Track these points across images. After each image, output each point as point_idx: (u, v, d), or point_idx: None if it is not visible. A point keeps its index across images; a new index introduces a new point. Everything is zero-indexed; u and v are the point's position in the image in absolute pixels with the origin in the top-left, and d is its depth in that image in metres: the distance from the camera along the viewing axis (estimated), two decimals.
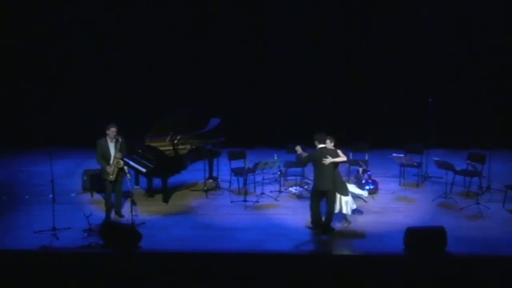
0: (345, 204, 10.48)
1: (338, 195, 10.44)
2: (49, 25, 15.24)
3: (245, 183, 12.24)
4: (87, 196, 12.26)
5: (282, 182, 12.63)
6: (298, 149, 10.61)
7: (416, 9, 15.15)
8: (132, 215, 10.33)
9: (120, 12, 15.25)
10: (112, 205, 11.09)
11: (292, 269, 8.76)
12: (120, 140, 10.84)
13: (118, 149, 10.84)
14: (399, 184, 12.85)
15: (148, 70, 15.45)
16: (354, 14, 15.21)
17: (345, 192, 10.49)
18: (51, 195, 10.89)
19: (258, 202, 11.96)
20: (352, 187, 10.89)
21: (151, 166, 11.83)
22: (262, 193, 12.27)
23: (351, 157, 13.13)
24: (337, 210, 10.47)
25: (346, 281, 8.56)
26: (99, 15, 15.26)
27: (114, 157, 10.81)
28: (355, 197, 10.89)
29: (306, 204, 10.97)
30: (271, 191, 12.44)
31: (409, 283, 8.58)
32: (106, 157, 10.86)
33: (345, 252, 9.89)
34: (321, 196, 10.44)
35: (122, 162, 10.84)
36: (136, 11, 15.28)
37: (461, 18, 15.15)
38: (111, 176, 10.84)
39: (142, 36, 15.34)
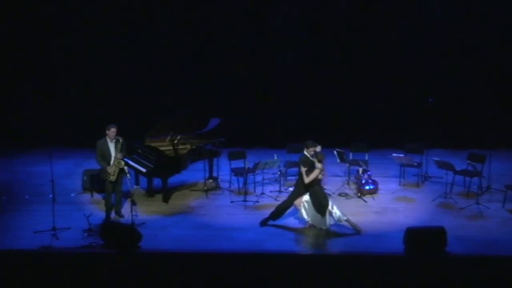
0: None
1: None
2: (50, 25, 15.22)
3: (245, 183, 12.24)
4: (87, 196, 12.26)
5: (282, 182, 12.64)
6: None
7: (417, 8, 15.15)
8: (132, 215, 10.33)
9: (120, 12, 15.23)
10: (112, 205, 11.10)
11: (292, 269, 8.76)
12: (120, 140, 10.84)
13: (119, 149, 10.85)
14: (399, 184, 12.86)
15: (148, 70, 15.44)
16: (354, 14, 15.19)
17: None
18: (51, 195, 10.90)
19: (258, 202, 11.96)
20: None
21: (151, 166, 11.84)
22: (262, 193, 12.28)
23: (351, 157, 13.14)
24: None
25: (346, 281, 8.57)
26: (100, 16, 15.24)
27: (115, 157, 10.82)
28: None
29: None
30: (271, 191, 12.44)
31: (409, 283, 8.58)
32: (106, 157, 10.86)
33: (345, 252, 9.88)
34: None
35: (123, 163, 10.85)
36: (136, 11, 15.27)
37: (461, 17, 15.14)
38: (111, 177, 10.85)
39: (142, 35, 15.32)
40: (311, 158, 10.55)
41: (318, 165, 10.42)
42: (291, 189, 12.21)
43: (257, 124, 15.59)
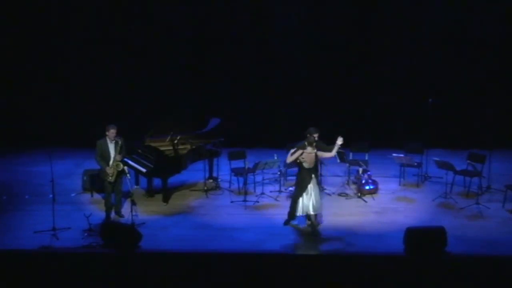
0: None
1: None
2: (50, 25, 15.22)
3: (245, 183, 12.24)
4: (87, 196, 12.26)
5: (282, 182, 12.63)
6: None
7: (416, 9, 15.14)
8: (132, 215, 10.33)
9: (120, 12, 15.23)
10: (112, 205, 11.10)
11: (292, 269, 8.76)
12: (120, 142, 10.84)
13: (118, 151, 10.85)
14: (399, 184, 12.86)
15: (148, 69, 15.44)
16: (354, 14, 15.19)
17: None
18: (51, 195, 10.89)
19: (258, 202, 11.96)
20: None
21: (151, 166, 11.84)
22: (262, 193, 12.28)
23: (351, 157, 13.14)
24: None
25: (346, 281, 8.56)
26: (99, 15, 15.24)
27: (114, 159, 10.82)
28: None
29: None
30: (271, 191, 12.44)
31: (409, 283, 8.58)
32: (105, 157, 10.87)
33: (345, 252, 9.88)
34: None
35: (121, 166, 10.85)
36: (136, 11, 15.27)
37: (461, 17, 15.14)
38: (110, 178, 10.86)
39: (142, 35, 15.32)
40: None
41: (308, 148, 10.41)
42: (291, 189, 12.25)
43: (257, 124, 15.59)
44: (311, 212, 10.50)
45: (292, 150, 10.52)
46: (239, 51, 15.45)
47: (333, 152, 10.54)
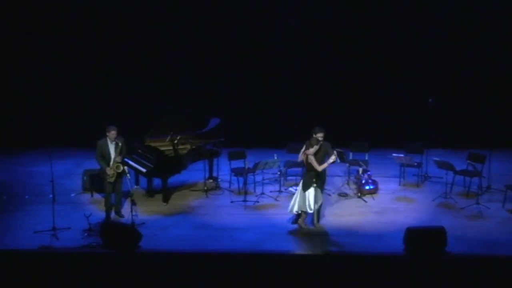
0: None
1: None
2: (50, 24, 15.22)
3: (245, 183, 12.25)
4: (87, 196, 12.26)
5: (282, 182, 12.63)
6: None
7: (417, 8, 15.15)
8: (132, 215, 10.34)
9: (120, 11, 15.23)
10: (112, 205, 11.11)
11: (292, 269, 8.76)
12: (120, 144, 10.84)
13: (118, 152, 10.85)
14: (399, 184, 12.86)
15: (148, 70, 15.43)
16: (354, 14, 15.20)
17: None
18: (51, 195, 10.90)
19: (258, 202, 11.97)
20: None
21: (151, 166, 11.84)
22: (262, 193, 12.28)
23: (351, 157, 13.14)
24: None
25: (346, 281, 8.56)
26: (99, 14, 15.24)
27: (114, 160, 10.82)
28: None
29: None
30: (271, 191, 12.44)
31: (409, 283, 8.58)
32: (105, 158, 10.87)
33: (345, 252, 9.88)
34: None
35: (121, 167, 10.85)
36: (136, 10, 15.27)
37: (460, 17, 15.14)
38: (110, 178, 10.86)
39: (142, 35, 15.32)
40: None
41: (310, 149, 10.41)
42: (291, 189, 12.27)
43: (257, 124, 15.59)
44: (289, 210, 10.63)
45: (302, 149, 10.57)
46: (239, 50, 15.44)
47: (320, 168, 10.39)
